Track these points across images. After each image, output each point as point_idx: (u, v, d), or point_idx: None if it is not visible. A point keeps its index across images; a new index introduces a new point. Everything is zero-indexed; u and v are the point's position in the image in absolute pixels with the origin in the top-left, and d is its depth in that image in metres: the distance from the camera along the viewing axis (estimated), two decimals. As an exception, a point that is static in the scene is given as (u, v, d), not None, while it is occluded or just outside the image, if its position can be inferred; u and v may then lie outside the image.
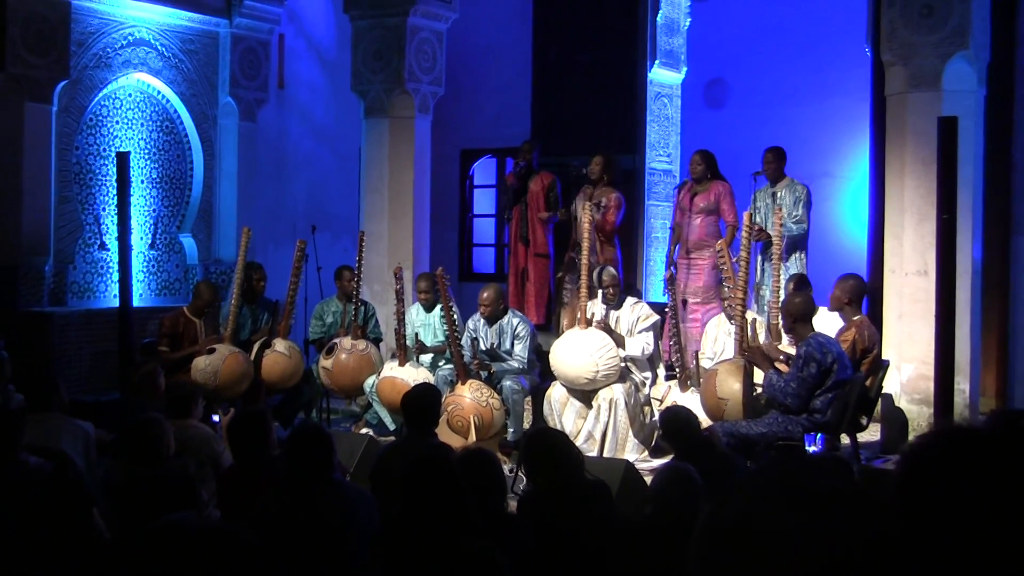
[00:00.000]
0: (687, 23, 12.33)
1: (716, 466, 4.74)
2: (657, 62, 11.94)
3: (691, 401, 7.98)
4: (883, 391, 8.27)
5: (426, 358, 9.53)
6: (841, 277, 8.25)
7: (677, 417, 6.10)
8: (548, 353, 8.75)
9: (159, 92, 11.47)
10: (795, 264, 9.48)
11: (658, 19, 11.87)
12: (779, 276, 8.20)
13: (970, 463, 1.46)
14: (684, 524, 4.24)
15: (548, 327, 10.70)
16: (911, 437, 8.51)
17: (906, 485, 1.49)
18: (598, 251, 10.02)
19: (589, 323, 8.51)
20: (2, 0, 9.73)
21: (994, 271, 10.00)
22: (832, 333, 7.68)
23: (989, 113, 9.37)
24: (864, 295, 8.27)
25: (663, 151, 12.20)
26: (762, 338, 7.89)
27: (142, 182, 11.27)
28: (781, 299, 7.88)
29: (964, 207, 7.81)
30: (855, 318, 8.04)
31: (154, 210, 11.50)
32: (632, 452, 8.38)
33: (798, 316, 7.24)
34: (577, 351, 8.42)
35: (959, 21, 8.62)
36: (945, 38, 8.66)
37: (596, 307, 8.74)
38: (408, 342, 9.38)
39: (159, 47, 11.30)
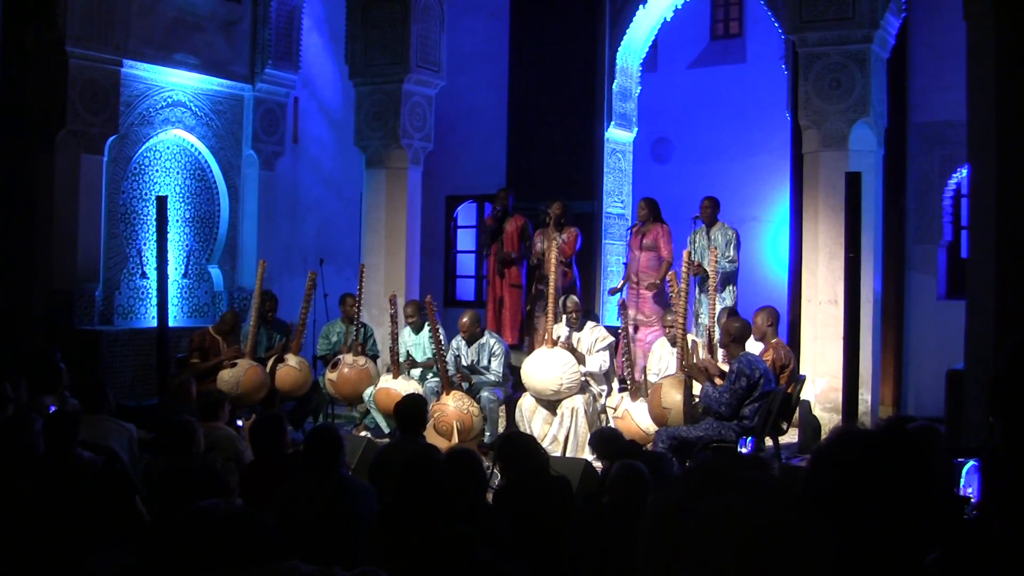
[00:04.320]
0: (638, 91, 12.44)
1: (648, 463, 4.74)
2: (612, 123, 12.04)
3: (640, 409, 8.01)
4: (800, 400, 8.33)
5: (416, 372, 9.51)
6: (759, 309, 8.30)
7: (603, 436, 6.02)
8: (520, 368, 8.76)
9: (193, 146, 11.47)
10: (728, 295, 9.54)
11: (613, 87, 11.99)
12: (715, 305, 8.26)
13: (866, 457, 1.52)
14: (635, 511, 4.28)
15: (521, 347, 10.71)
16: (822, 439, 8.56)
17: (815, 476, 1.54)
18: (563, 274, 10.10)
19: (555, 343, 8.53)
20: (64, 68, 9.79)
21: (891, 300, 10.13)
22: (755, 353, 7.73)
23: (886, 169, 9.52)
24: (778, 321, 8.34)
25: (617, 198, 12.27)
26: (700, 356, 7.93)
27: (177, 221, 11.25)
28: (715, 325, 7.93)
29: (867, 247, 7.89)
30: (772, 341, 8.12)
31: (187, 245, 11.48)
32: (590, 453, 8.37)
33: (735, 337, 7.28)
34: (544, 367, 8.42)
35: (861, 93, 8.75)
36: (850, 107, 8.79)
37: (561, 329, 8.76)
38: (401, 358, 9.39)
39: (193, 108, 11.31)
